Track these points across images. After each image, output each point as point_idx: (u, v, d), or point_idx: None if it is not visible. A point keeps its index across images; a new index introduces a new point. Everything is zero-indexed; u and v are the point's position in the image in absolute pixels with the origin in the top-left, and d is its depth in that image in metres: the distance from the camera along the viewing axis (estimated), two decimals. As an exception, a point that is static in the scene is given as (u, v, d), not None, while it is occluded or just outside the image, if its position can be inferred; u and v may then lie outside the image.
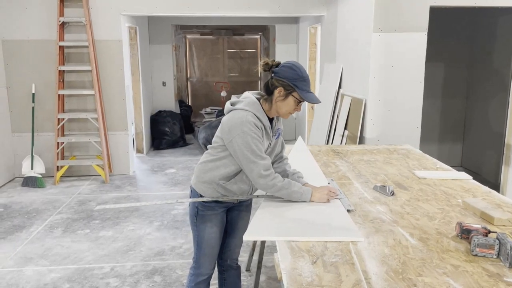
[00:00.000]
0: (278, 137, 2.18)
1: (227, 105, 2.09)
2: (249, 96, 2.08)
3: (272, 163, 2.23)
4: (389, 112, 4.12)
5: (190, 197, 2.21)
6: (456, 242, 1.71)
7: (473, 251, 1.59)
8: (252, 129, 1.95)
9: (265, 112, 2.05)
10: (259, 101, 2.06)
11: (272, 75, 2.02)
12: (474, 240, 1.59)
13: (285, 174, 2.24)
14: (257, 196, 2.26)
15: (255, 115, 1.99)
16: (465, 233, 1.71)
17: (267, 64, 2.03)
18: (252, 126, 1.95)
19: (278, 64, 2.03)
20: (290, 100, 2.01)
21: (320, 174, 2.58)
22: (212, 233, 2.19)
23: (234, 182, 2.09)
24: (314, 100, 2.00)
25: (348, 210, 2.03)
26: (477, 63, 5.78)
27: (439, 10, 4.26)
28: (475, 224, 1.76)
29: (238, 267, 2.47)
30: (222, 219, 2.22)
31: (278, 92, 2.00)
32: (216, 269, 2.40)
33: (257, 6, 5.55)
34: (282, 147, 2.28)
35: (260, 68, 2.04)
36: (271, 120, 2.10)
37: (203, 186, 2.13)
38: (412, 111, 4.13)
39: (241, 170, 2.07)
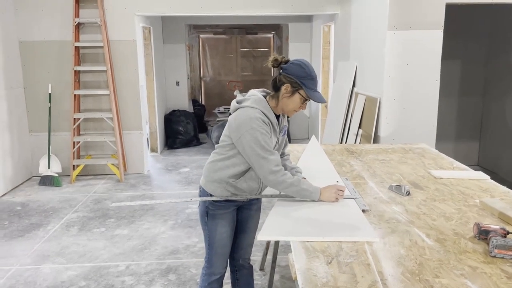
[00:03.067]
0: (284, 134, 2.20)
1: (233, 103, 2.10)
2: (255, 93, 2.08)
3: None
4: (404, 110, 4.07)
5: (200, 197, 2.22)
6: (473, 243, 1.68)
7: (491, 252, 1.57)
8: (260, 125, 1.96)
9: (271, 109, 2.05)
10: (265, 98, 2.07)
11: (281, 71, 2.03)
12: (493, 241, 1.57)
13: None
14: (271, 196, 2.26)
15: (262, 112, 2.00)
16: (483, 234, 1.68)
17: (276, 60, 2.04)
18: (260, 122, 1.96)
19: (287, 61, 2.04)
20: (296, 97, 2.01)
21: (334, 174, 2.56)
22: (223, 232, 2.19)
23: (244, 180, 2.09)
24: (320, 100, 2.01)
25: (363, 210, 2.01)
26: (494, 61, 5.68)
27: (455, 6, 4.20)
28: (493, 224, 1.73)
29: (251, 267, 2.46)
30: (233, 218, 2.23)
31: (285, 88, 2.01)
32: (228, 268, 2.40)
33: (270, 5, 5.54)
34: (286, 144, 2.31)
35: (269, 64, 2.05)
36: (277, 117, 2.10)
37: (212, 185, 2.13)
38: (427, 110, 4.08)
39: (250, 168, 2.07)
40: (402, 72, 4.02)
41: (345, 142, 4.89)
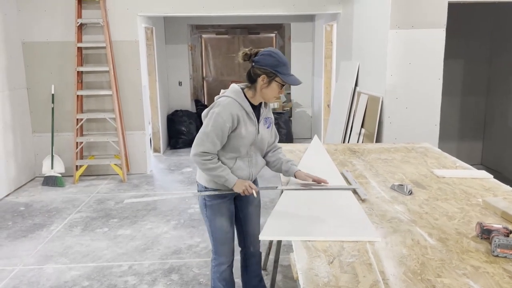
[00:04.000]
0: (269, 126, 2.28)
1: (216, 97, 2.21)
2: (234, 86, 2.20)
3: (266, 153, 2.36)
4: (406, 110, 4.06)
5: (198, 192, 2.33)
6: (476, 243, 1.68)
7: (493, 251, 1.56)
8: (227, 119, 2.06)
9: (248, 100, 2.15)
10: (243, 90, 2.17)
11: (253, 64, 2.11)
12: (495, 241, 1.56)
13: (279, 162, 2.34)
14: (266, 188, 2.36)
15: (236, 100, 2.10)
16: (485, 233, 1.68)
17: (246, 54, 2.12)
18: (228, 117, 2.06)
19: (256, 53, 2.12)
20: (274, 85, 2.11)
21: (337, 173, 2.56)
22: (223, 221, 2.28)
23: (233, 170, 2.18)
24: (296, 82, 2.10)
25: (363, 200, 2.07)
26: (497, 59, 5.66)
27: (458, 5, 4.19)
28: (495, 224, 1.73)
29: (260, 254, 2.54)
30: (230, 206, 2.31)
31: (261, 79, 2.10)
32: (239, 257, 2.49)
33: (272, 5, 5.54)
34: (276, 137, 2.39)
35: (240, 59, 2.14)
36: (255, 107, 2.19)
37: (206, 177, 2.22)
38: (430, 109, 4.07)
39: (237, 157, 2.17)
40: (405, 71, 4.01)
41: (348, 142, 4.89)
